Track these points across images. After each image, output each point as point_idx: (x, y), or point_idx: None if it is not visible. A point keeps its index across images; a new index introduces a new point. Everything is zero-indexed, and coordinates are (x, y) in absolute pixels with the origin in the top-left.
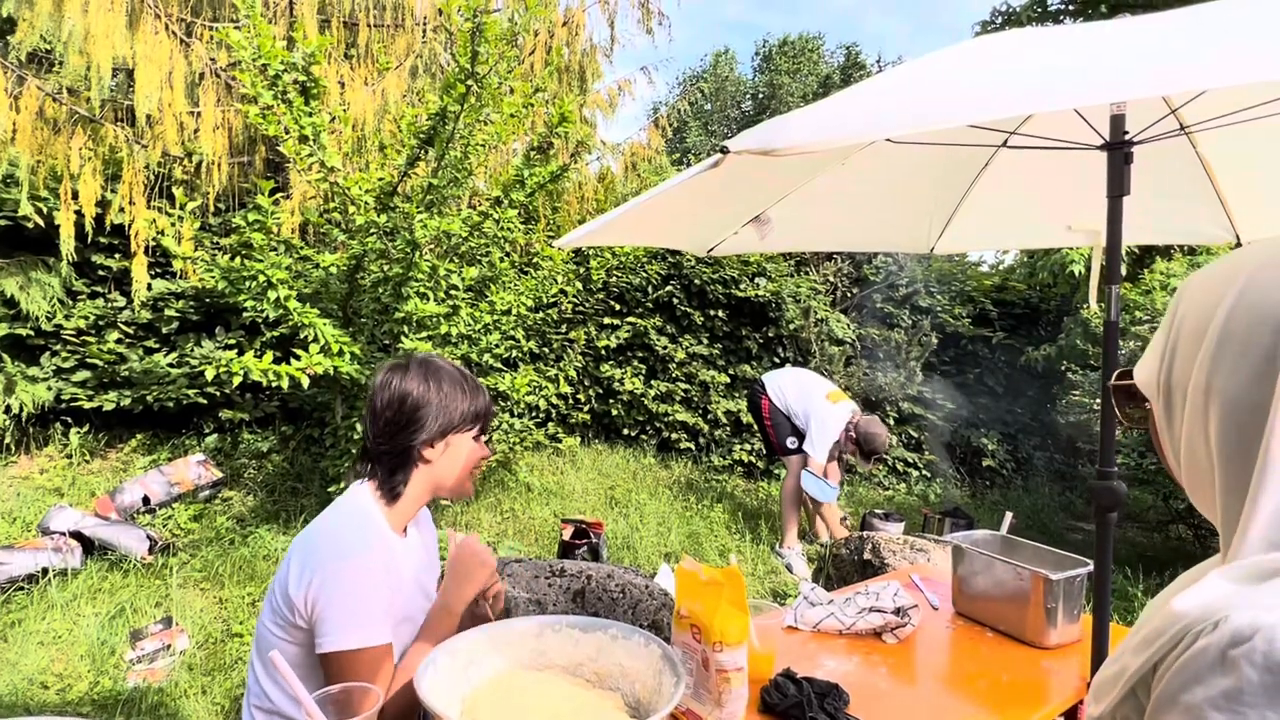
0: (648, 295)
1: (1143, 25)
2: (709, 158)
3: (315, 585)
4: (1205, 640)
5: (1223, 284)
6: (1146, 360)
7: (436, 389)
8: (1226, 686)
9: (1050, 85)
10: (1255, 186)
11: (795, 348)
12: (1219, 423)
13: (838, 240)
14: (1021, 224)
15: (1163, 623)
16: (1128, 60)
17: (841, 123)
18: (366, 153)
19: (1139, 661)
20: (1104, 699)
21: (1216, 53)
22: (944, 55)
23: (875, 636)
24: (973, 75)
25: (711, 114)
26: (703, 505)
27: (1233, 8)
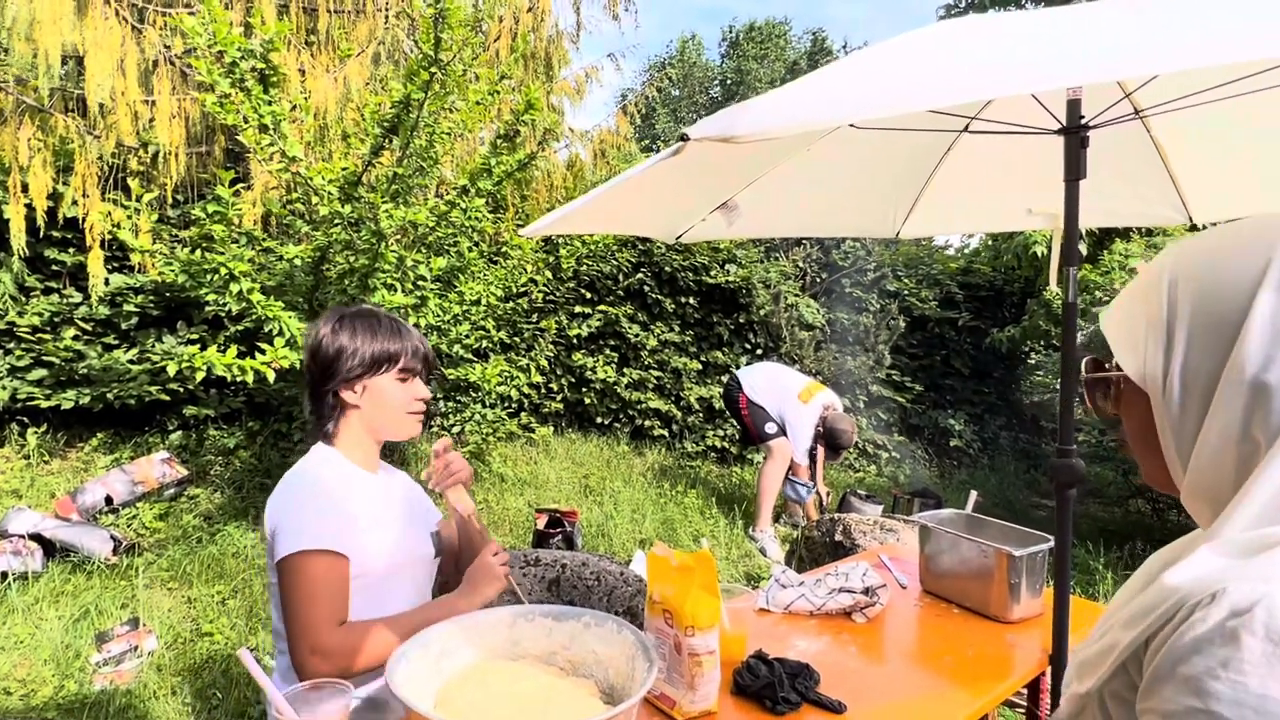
0: (618, 283)
1: (1099, 10)
2: (672, 145)
3: (271, 515)
4: (1203, 612)
5: (1244, 271)
6: (1137, 351)
7: (349, 335)
8: (1226, 656)
9: (1008, 71)
10: (1206, 168)
11: (766, 333)
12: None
13: (805, 225)
14: (984, 208)
15: (1156, 597)
16: (1083, 46)
17: (803, 108)
18: (329, 142)
19: (1130, 636)
20: (1091, 676)
21: (1168, 38)
22: (906, 40)
23: (845, 616)
24: (933, 61)
25: (679, 100)
26: (676, 491)
27: None
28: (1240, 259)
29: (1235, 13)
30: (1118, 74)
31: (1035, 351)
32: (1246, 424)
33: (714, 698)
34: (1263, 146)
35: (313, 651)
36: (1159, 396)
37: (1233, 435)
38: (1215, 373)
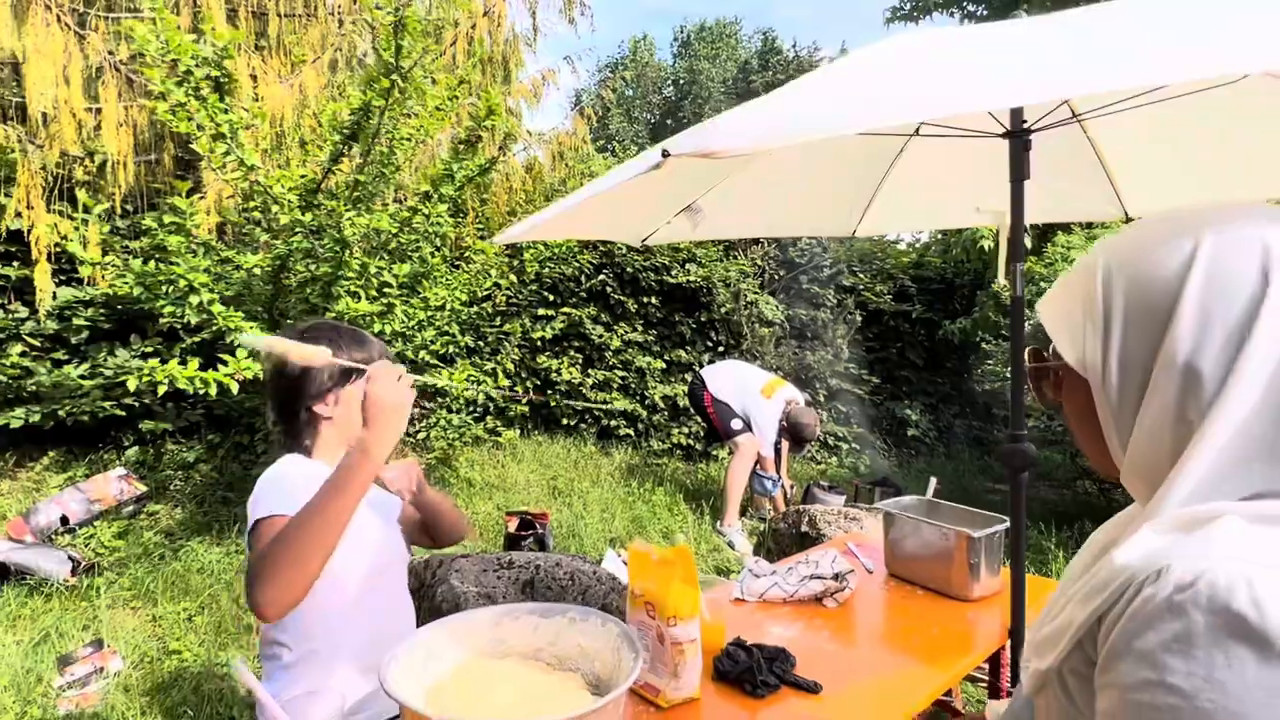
0: (581, 285)
1: (1039, 28)
2: (648, 157)
3: (255, 497)
4: (1151, 589)
5: (1173, 261)
6: (1076, 341)
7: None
8: (1177, 630)
9: (962, 89)
10: (1139, 164)
11: (727, 331)
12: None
13: (766, 226)
14: (935, 206)
15: (1107, 576)
16: (1026, 64)
17: (774, 125)
18: (286, 149)
19: (1084, 614)
20: (1050, 653)
21: (1101, 59)
22: (866, 56)
23: (816, 602)
24: (893, 77)
25: (633, 100)
26: (644, 489)
27: (1115, 11)
28: (1168, 249)
29: (1164, 34)
30: (1057, 95)
31: (986, 342)
32: (1181, 406)
33: (696, 685)
34: (1191, 143)
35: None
36: (1098, 383)
37: (1168, 418)
38: (1149, 359)
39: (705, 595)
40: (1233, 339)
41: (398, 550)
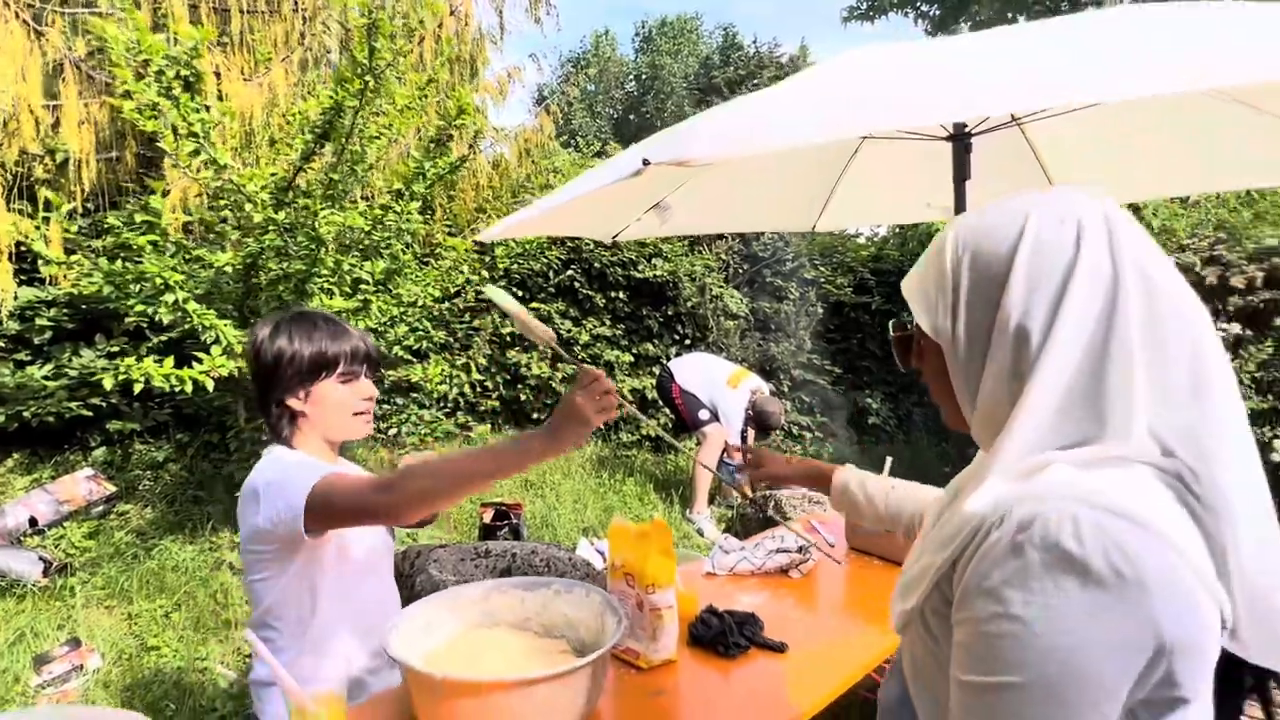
0: (549, 280)
1: (984, 44)
2: (625, 163)
3: (263, 491)
4: (996, 533)
5: (1006, 236)
6: (931, 311)
7: (286, 341)
8: (1017, 567)
9: (915, 103)
10: (1074, 161)
11: (694, 324)
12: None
13: (731, 222)
14: (890, 202)
15: (959, 523)
16: (972, 80)
17: (742, 135)
18: (256, 148)
19: (940, 559)
20: (912, 595)
21: (1038, 74)
22: (824, 70)
23: (782, 573)
24: (853, 90)
25: (596, 95)
26: (615, 480)
27: (1052, 30)
28: (1004, 227)
29: (1090, 52)
30: (1004, 109)
31: None
32: (1015, 364)
33: (674, 648)
34: (1121, 140)
35: (375, 492)
36: (949, 348)
37: (1005, 376)
38: (989, 324)
39: (680, 568)
40: (1052, 303)
41: (386, 539)
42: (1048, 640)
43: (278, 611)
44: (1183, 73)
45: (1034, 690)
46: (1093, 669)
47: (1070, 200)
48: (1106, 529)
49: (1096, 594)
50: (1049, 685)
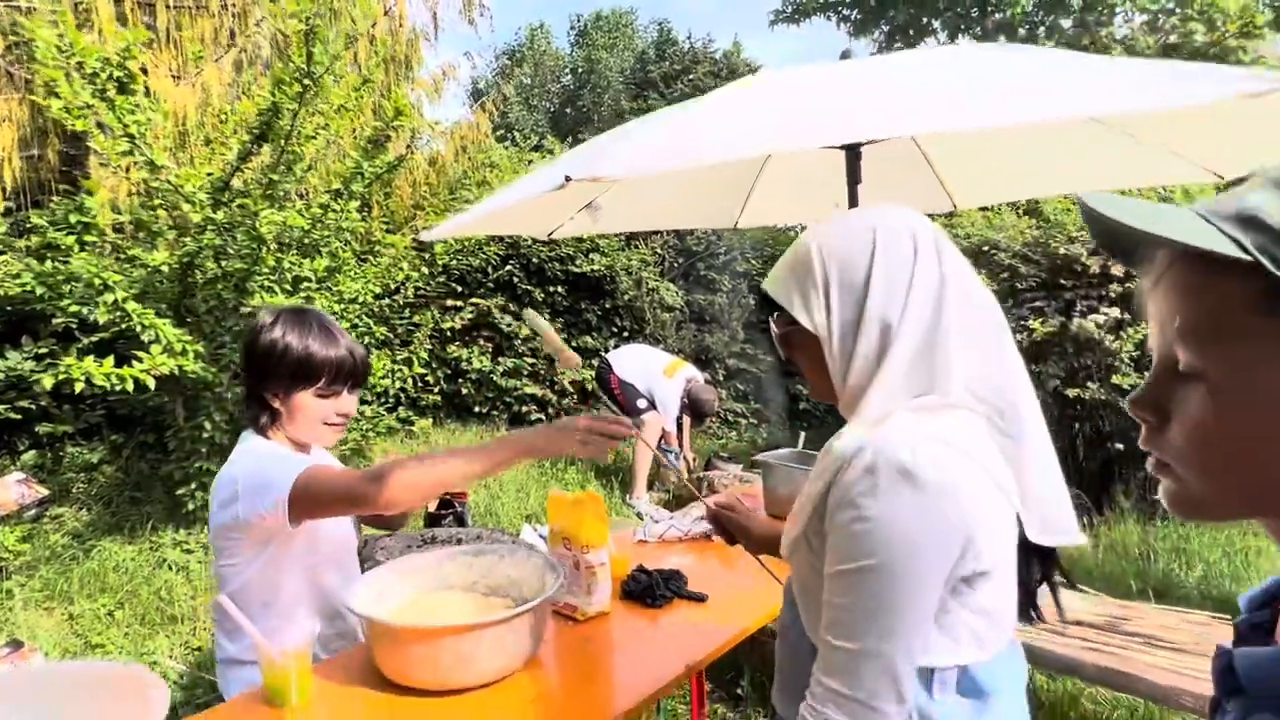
0: (488, 276)
1: (878, 68)
2: (548, 177)
3: (243, 482)
4: (856, 461)
5: (862, 245)
6: (810, 309)
7: (280, 336)
8: (869, 482)
9: (817, 124)
10: (963, 165)
11: (631, 316)
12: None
13: (659, 220)
14: (803, 200)
15: (828, 460)
16: (867, 103)
17: (658, 153)
18: (190, 147)
19: (816, 489)
20: (798, 522)
21: (927, 101)
22: (740, 90)
23: (706, 538)
24: (759, 114)
25: (531, 89)
26: (557, 469)
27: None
28: (859, 239)
29: (973, 82)
30: (895, 132)
31: None
32: (880, 349)
33: (607, 601)
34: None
35: (365, 481)
36: (825, 339)
37: (872, 357)
38: (857, 319)
39: (614, 535)
40: (901, 302)
41: (351, 532)
42: (892, 531)
43: (244, 596)
44: (1041, 104)
45: (883, 570)
46: (923, 552)
47: (905, 219)
48: (932, 451)
49: (923, 497)
50: (894, 566)
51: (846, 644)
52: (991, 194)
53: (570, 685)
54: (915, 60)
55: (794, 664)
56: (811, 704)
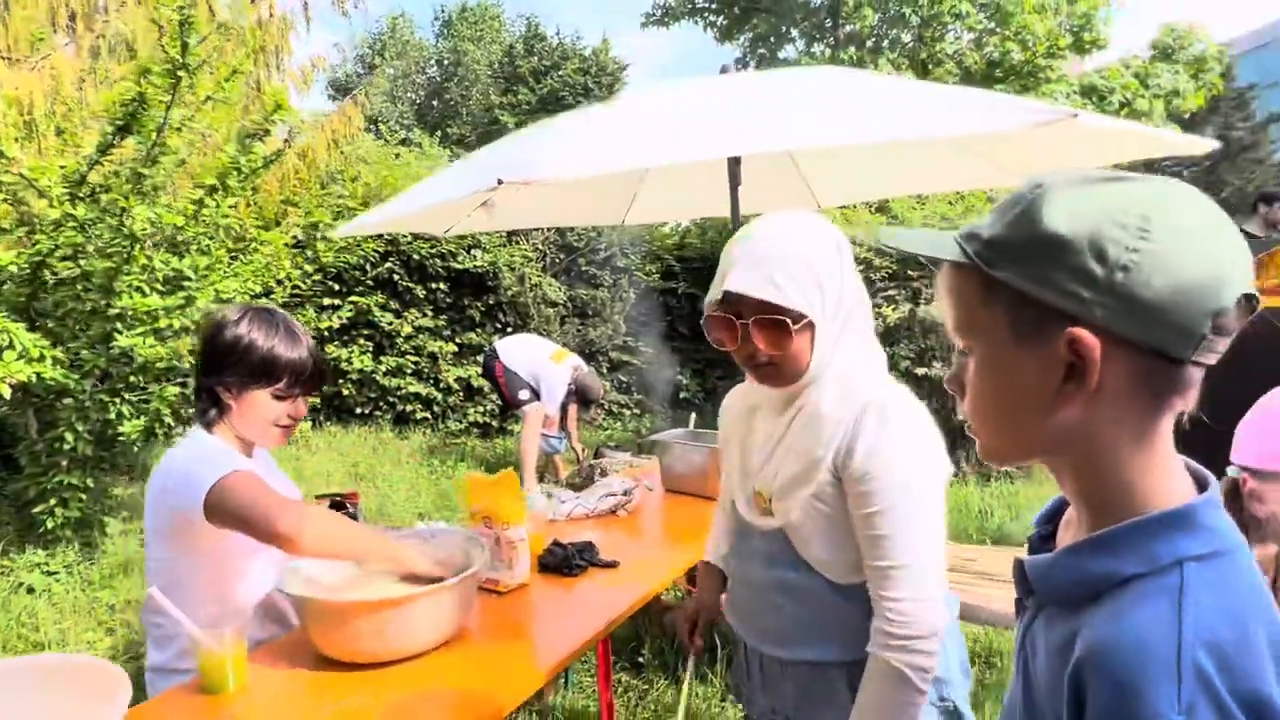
0: (367, 273)
1: (759, 84)
2: (479, 179)
3: (180, 475)
4: (865, 419)
5: (827, 246)
6: (802, 294)
7: (246, 331)
8: (885, 434)
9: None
10: (825, 170)
11: (515, 312)
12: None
13: (551, 217)
14: (686, 200)
15: (829, 427)
16: (747, 119)
17: (583, 158)
18: (39, 138)
19: (828, 453)
20: (805, 486)
21: (800, 118)
22: (655, 97)
23: (611, 514)
24: (669, 122)
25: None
26: (447, 466)
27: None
28: (827, 243)
29: (847, 103)
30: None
31: None
32: (859, 328)
33: (527, 574)
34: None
35: (288, 531)
36: (822, 325)
37: (846, 340)
38: (842, 304)
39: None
40: (855, 290)
41: None
42: (916, 471)
43: (175, 590)
44: (895, 125)
45: (914, 499)
46: (933, 482)
47: (827, 224)
48: (915, 406)
49: (925, 441)
50: (922, 495)
51: (900, 561)
52: (850, 194)
53: (499, 650)
54: (801, 79)
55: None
56: (893, 621)
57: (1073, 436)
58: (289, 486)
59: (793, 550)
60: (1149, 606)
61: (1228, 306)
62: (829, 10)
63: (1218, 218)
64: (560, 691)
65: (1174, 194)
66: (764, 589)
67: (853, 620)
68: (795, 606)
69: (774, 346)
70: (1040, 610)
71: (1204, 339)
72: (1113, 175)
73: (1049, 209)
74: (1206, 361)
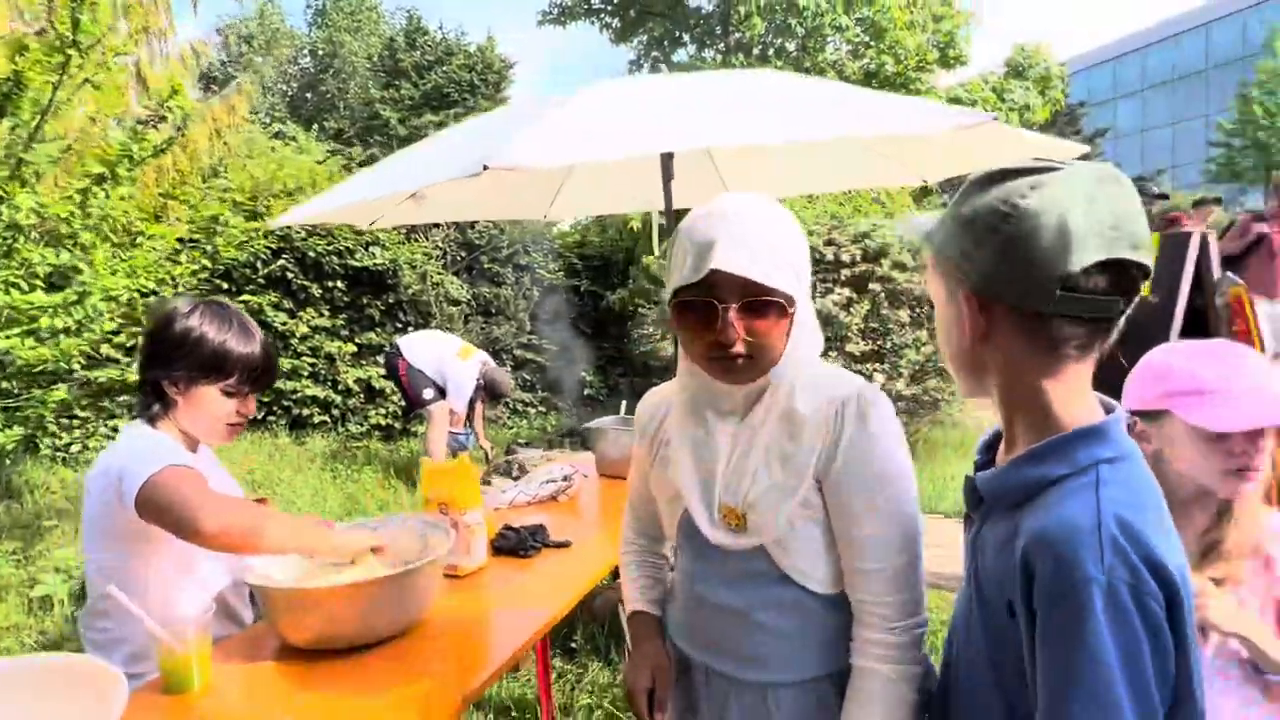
0: (258, 271)
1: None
2: (461, 165)
3: (118, 471)
4: (847, 410)
5: (793, 232)
6: (784, 278)
7: (197, 324)
8: (868, 419)
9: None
10: (739, 167)
11: (416, 311)
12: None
13: (476, 211)
14: (611, 194)
15: (810, 424)
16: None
17: (573, 146)
18: None
19: (814, 459)
20: (794, 493)
21: (725, 118)
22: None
23: (553, 499)
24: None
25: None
26: (352, 470)
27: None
28: (792, 222)
29: (761, 106)
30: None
31: (641, 308)
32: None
33: (484, 557)
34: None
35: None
36: (798, 313)
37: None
38: (808, 295)
39: None
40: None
41: None
42: (898, 466)
43: (110, 609)
44: (818, 125)
45: (901, 474)
46: (912, 477)
47: None
48: (886, 399)
49: (900, 436)
50: (904, 491)
51: (890, 562)
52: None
53: (467, 631)
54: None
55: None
56: (884, 627)
57: (994, 370)
58: (231, 484)
59: (774, 566)
60: (1074, 498)
61: (1074, 272)
62: (720, 17)
63: (1093, 195)
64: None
65: (1059, 180)
66: (739, 613)
67: (840, 630)
68: (783, 625)
69: (760, 333)
70: (986, 518)
71: (1056, 297)
72: (1027, 165)
73: (956, 208)
74: (1090, 315)
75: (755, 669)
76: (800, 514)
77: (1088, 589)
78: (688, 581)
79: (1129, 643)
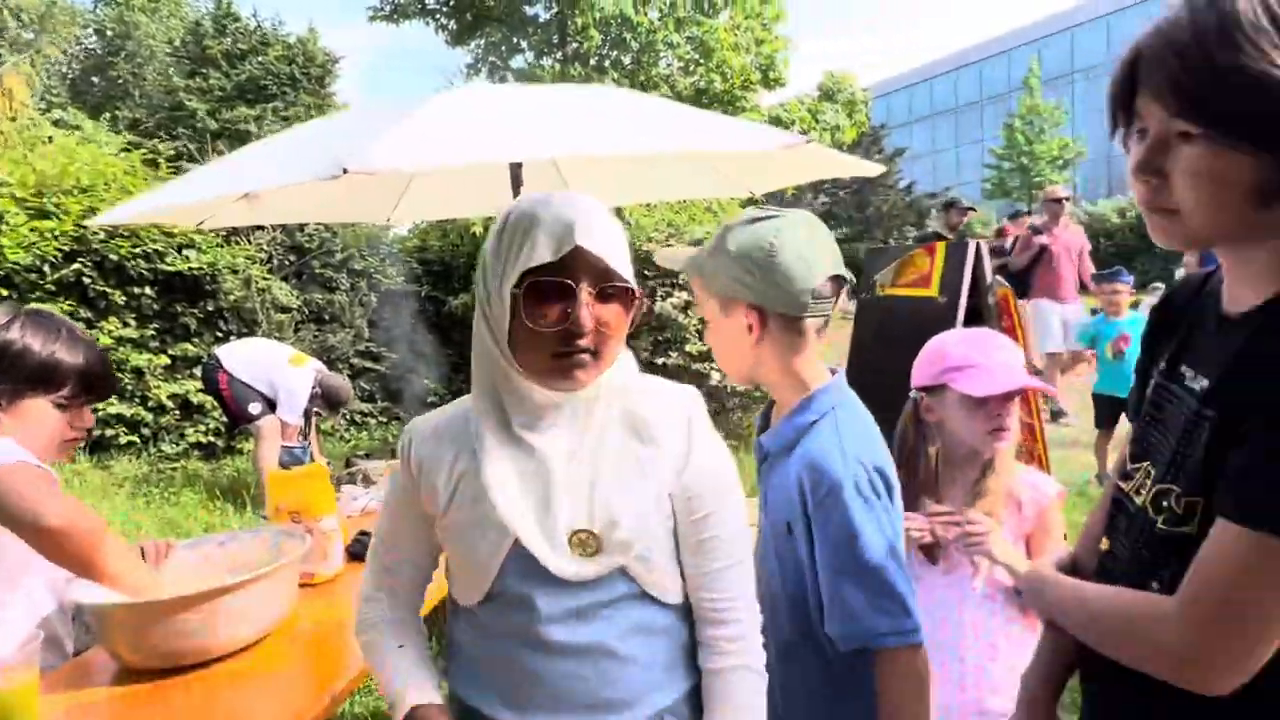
0: (46, 276)
1: (542, 96)
2: (323, 166)
3: None
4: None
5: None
6: (629, 273)
7: (18, 335)
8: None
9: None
10: (581, 175)
11: (239, 319)
12: None
13: (315, 214)
14: (457, 198)
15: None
16: (528, 126)
17: (430, 150)
18: None
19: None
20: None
21: (574, 129)
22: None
23: None
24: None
25: (36, 45)
26: (169, 494)
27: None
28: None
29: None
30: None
31: None
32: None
33: (340, 563)
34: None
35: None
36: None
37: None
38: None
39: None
40: None
41: None
42: (729, 463)
43: None
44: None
45: (734, 492)
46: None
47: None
48: None
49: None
50: (737, 486)
51: (734, 559)
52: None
53: (325, 638)
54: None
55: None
56: (737, 619)
57: (765, 358)
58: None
59: (634, 585)
60: (824, 433)
61: (819, 286)
62: (558, 27)
63: (812, 234)
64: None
65: (787, 226)
66: (593, 650)
67: (690, 641)
68: (643, 653)
69: (609, 326)
70: (773, 468)
71: (809, 304)
72: (761, 215)
73: (729, 240)
74: (821, 314)
75: (613, 713)
76: (661, 526)
77: (842, 485)
78: (511, 636)
79: (875, 516)
